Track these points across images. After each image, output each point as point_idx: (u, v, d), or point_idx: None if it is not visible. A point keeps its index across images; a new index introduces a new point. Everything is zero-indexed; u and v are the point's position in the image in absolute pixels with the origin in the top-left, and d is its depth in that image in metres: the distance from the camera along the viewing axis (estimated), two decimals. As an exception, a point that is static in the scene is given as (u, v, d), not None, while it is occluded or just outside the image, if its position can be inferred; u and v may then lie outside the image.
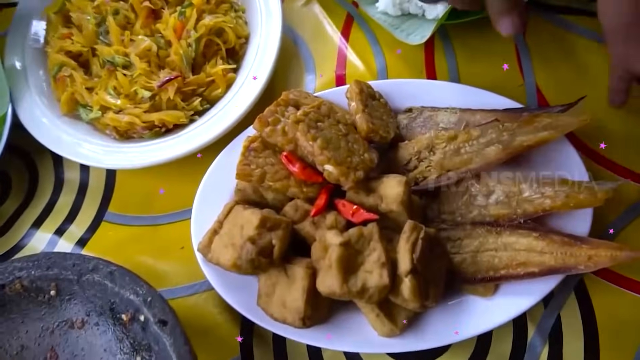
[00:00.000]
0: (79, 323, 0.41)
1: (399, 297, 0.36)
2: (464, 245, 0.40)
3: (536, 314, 0.41)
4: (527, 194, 0.41)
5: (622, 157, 0.46)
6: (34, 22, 0.59)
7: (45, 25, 0.59)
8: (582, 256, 0.38)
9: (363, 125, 0.42)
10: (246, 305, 0.41)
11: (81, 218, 0.51)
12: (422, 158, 0.42)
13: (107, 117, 0.50)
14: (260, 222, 0.38)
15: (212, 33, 0.53)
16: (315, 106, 0.42)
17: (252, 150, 0.41)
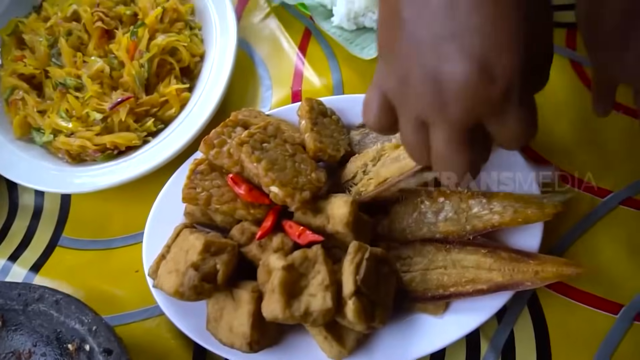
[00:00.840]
0: (25, 354, 0.41)
1: (345, 320, 0.36)
2: (413, 263, 0.40)
3: (489, 329, 0.41)
4: (476, 210, 0.41)
5: (570, 165, 0.46)
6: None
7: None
8: (529, 272, 0.37)
9: (310, 145, 0.42)
10: (197, 330, 0.40)
11: (35, 243, 0.50)
12: (368, 171, 0.42)
13: (58, 140, 0.50)
14: (204, 247, 0.37)
15: (165, 52, 0.52)
16: (261, 127, 0.42)
17: (199, 173, 0.41)
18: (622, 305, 0.41)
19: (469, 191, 0.41)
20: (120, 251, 0.49)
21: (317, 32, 0.58)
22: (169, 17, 0.54)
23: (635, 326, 0.40)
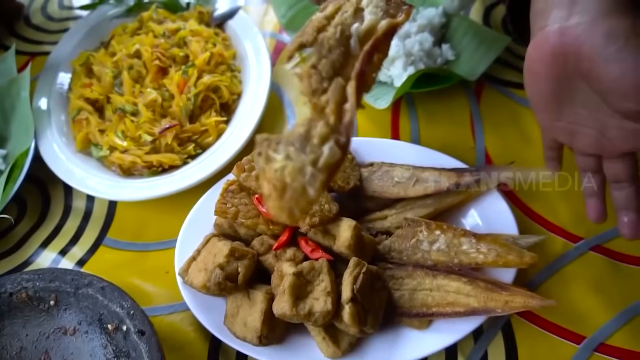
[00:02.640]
0: (71, 330, 0.48)
1: (341, 323, 0.43)
2: (404, 283, 0.47)
3: (466, 347, 0.47)
4: (465, 247, 0.48)
5: (549, 213, 0.53)
6: (61, 73, 0.69)
7: (71, 75, 0.69)
8: (500, 301, 0.44)
9: (325, 176, 0.50)
10: (215, 325, 0.47)
11: (83, 241, 0.58)
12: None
13: (113, 155, 0.59)
14: (230, 252, 0.45)
15: (209, 89, 0.62)
16: None
17: (230, 191, 0.49)
18: (584, 337, 0.46)
19: (462, 230, 0.48)
20: (154, 254, 0.56)
21: (340, 81, 0.67)
22: (214, 61, 0.64)
23: (595, 356, 0.46)
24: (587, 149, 0.43)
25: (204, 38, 0.67)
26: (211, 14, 0.72)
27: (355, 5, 0.33)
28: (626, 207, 0.43)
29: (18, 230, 0.60)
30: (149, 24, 0.69)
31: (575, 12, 0.38)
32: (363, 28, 0.32)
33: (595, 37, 0.37)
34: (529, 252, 0.46)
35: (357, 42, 0.32)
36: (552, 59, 0.39)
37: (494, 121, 0.61)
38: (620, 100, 0.38)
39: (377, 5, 0.33)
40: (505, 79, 0.65)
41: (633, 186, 0.43)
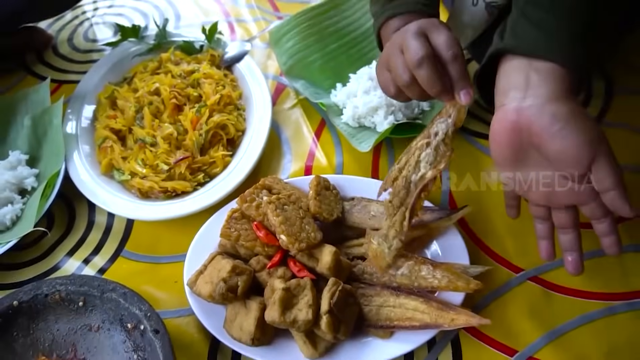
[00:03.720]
0: (95, 327, 0.58)
1: (320, 330, 0.53)
2: (372, 300, 0.57)
3: (421, 355, 0.57)
4: (424, 273, 0.58)
5: (498, 246, 0.64)
6: (86, 103, 0.79)
7: (96, 105, 0.79)
8: (448, 318, 0.54)
9: (312, 208, 0.60)
10: (215, 328, 0.57)
11: (104, 252, 0.68)
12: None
13: (134, 180, 0.69)
14: (232, 268, 0.55)
15: (218, 127, 0.72)
16: (286, 195, 0.61)
17: (234, 218, 0.59)
18: (517, 351, 0.57)
19: (423, 259, 0.58)
20: (165, 266, 0.66)
21: (330, 124, 0.78)
22: (223, 102, 0.75)
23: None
24: (539, 201, 0.53)
25: (215, 80, 0.77)
26: (222, 57, 0.83)
27: (416, 159, 0.54)
28: (570, 248, 0.53)
29: (47, 241, 0.70)
30: (167, 64, 0.80)
31: (528, 95, 0.49)
32: (417, 177, 0.54)
33: (543, 117, 0.47)
34: (475, 280, 0.56)
35: (415, 186, 0.54)
36: (510, 131, 0.50)
37: (459, 166, 0.72)
38: (563, 166, 0.48)
39: (429, 160, 0.54)
40: (472, 130, 0.76)
41: (576, 232, 0.53)
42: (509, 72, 0.52)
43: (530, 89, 0.49)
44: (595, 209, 0.50)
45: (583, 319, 0.59)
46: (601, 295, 0.60)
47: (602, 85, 0.79)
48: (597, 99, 0.78)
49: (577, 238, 0.53)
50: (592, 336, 0.57)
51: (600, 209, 0.50)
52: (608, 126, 0.74)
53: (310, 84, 0.80)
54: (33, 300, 0.57)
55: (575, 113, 0.47)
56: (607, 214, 0.50)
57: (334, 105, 0.77)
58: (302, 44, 0.81)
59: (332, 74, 0.81)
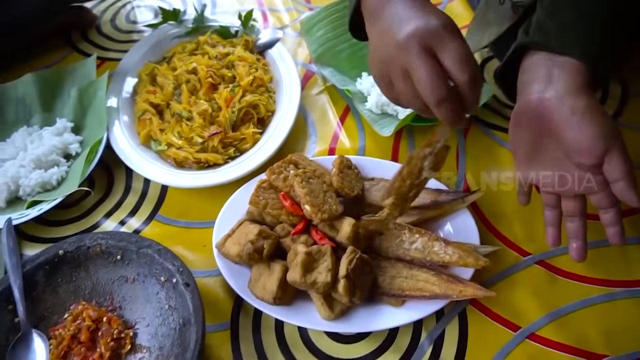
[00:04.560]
0: (131, 279, 0.63)
1: (337, 293, 0.57)
2: (386, 271, 0.61)
3: (429, 324, 0.61)
4: (436, 249, 0.62)
5: (508, 230, 0.68)
6: (128, 78, 0.85)
7: (136, 81, 0.85)
8: (456, 290, 0.58)
9: (335, 184, 0.65)
10: (240, 287, 0.62)
11: (139, 215, 0.73)
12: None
13: (170, 151, 0.74)
14: (259, 232, 0.60)
15: (250, 106, 0.77)
16: (313, 169, 0.65)
17: (262, 188, 0.64)
18: (520, 327, 0.60)
19: (436, 235, 0.63)
20: (194, 230, 0.71)
21: (354, 109, 0.82)
22: (256, 83, 0.80)
23: (525, 342, 0.60)
24: (551, 189, 0.57)
25: (249, 63, 0.82)
26: (255, 43, 0.88)
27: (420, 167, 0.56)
28: (576, 236, 0.57)
29: (87, 202, 0.76)
30: (204, 46, 0.85)
31: (550, 87, 0.53)
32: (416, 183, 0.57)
33: (563, 108, 0.51)
34: (484, 258, 0.60)
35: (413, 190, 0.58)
36: (531, 120, 0.54)
37: (474, 156, 0.76)
38: (577, 156, 0.52)
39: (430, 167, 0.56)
40: (490, 122, 0.79)
41: (582, 220, 0.57)
42: (532, 66, 0.56)
43: (552, 82, 0.53)
44: (604, 199, 0.54)
45: (584, 302, 0.62)
46: (603, 281, 0.63)
47: (617, 88, 0.82)
48: (612, 100, 0.81)
49: (583, 227, 0.57)
50: (592, 319, 0.61)
51: (608, 199, 0.53)
52: (622, 127, 0.77)
53: (338, 71, 0.84)
54: (76, 251, 0.63)
55: (593, 107, 0.51)
56: (614, 205, 0.54)
57: (359, 92, 0.81)
58: (332, 34, 0.86)
59: (359, 63, 0.85)
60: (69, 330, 0.59)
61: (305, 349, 0.61)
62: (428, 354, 0.59)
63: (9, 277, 0.60)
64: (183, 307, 0.58)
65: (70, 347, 0.59)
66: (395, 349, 0.60)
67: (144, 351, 0.59)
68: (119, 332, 0.59)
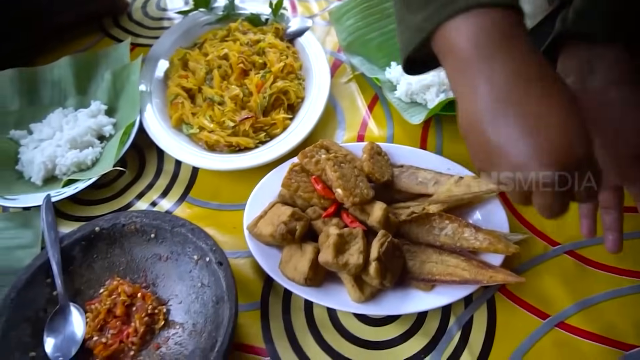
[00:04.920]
0: (164, 257, 0.64)
1: (368, 275, 0.58)
2: (416, 256, 0.62)
3: (457, 310, 0.62)
4: (467, 235, 0.63)
5: (537, 220, 0.68)
6: (160, 63, 0.86)
7: (168, 66, 0.86)
8: (486, 275, 0.58)
9: (365, 169, 0.65)
10: (270, 268, 0.62)
11: (170, 196, 0.75)
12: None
13: (202, 134, 0.75)
14: (292, 213, 0.61)
15: (280, 92, 0.78)
16: (344, 154, 0.66)
17: (294, 171, 0.65)
18: (549, 315, 0.61)
19: (466, 222, 0.63)
20: (224, 212, 0.72)
21: (382, 98, 0.83)
22: (286, 70, 0.81)
23: (554, 330, 0.60)
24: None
25: (279, 50, 0.83)
26: (285, 31, 0.89)
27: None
28: (611, 228, 0.56)
29: (119, 183, 0.77)
30: (235, 33, 0.86)
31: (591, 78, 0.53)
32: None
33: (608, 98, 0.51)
34: (514, 245, 0.60)
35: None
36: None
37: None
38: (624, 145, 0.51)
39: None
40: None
41: (618, 212, 0.56)
42: (570, 56, 0.56)
43: (591, 72, 0.53)
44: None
45: (614, 293, 0.62)
46: (634, 273, 0.63)
47: None
48: None
49: (619, 219, 0.57)
50: (622, 309, 0.61)
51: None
52: None
53: (367, 60, 0.85)
54: (112, 228, 0.64)
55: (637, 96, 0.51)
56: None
57: (388, 81, 0.81)
58: (362, 23, 0.86)
59: (388, 52, 0.85)
60: (105, 305, 0.60)
61: (334, 330, 0.61)
62: (456, 339, 0.60)
63: (48, 252, 0.62)
64: (216, 285, 0.59)
65: (105, 321, 0.60)
66: (424, 332, 0.60)
67: (177, 327, 0.60)
68: (153, 308, 0.61)
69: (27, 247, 0.70)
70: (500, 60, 0.38)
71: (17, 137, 0.80)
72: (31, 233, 0.71)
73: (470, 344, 0.59)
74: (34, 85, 0.85)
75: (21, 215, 0.72)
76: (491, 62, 0.39)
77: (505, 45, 0.39)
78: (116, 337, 0.59)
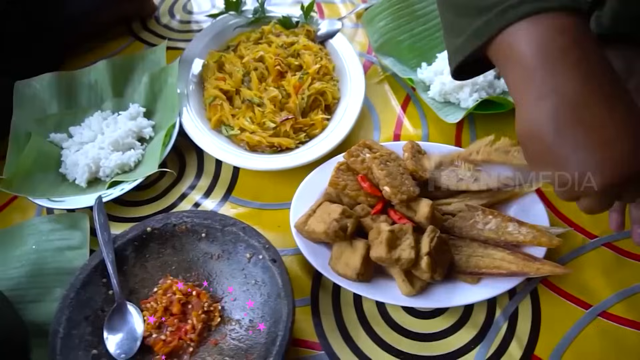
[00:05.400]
0: (216, 256, 0.66)
1: (418, 270, 0.60)
2: (462, 250, 0.64)
3: (503, 301, 0.64)
4: (510, 229, 0.65)
5: (574, 214, 0.70)
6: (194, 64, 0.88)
7: (202, 68, 0.88)
8: (533, 267, 0.61)
9: (410, 167, 0.67)
10: (319, 264, 0.64)
11: (213, 196, 0.76)
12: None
13: (244, 135, 0.77)
14: (342, 211, 0.63)
15: (317, 93, 0.80)
16: (388, 152, 0.68)
17: (340, 170, 0.67)
18: (591, 305, 0.63)
19: (509, 217, 0.65)
20: (268, 212, 0.74)
21: (414, 98, 0.85)
22: (322, 71, 0.83)
23: (597, 320, 0.62)
24: None
25: (314, 52, 0.85)
26: (316, 33, 0.91)
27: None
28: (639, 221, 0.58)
29: (161, 184, 0.79)
30: (269, 35, 0.88)
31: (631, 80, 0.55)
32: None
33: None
34: (557, 237, 0.63)
35: None
36: None
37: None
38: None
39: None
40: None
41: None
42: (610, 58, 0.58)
43: (631, 73, 0.55)
44: None
45: (653, 283, 0.64)
46: (671, 263, 0.66)
47: None
48: None
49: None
50: (661, 299, 0.63)
51: None
52: None
53: (398, 61, 0.87)
54: (163, 228, 0.66)
55: None
56: None
57: (420, 81, 0.83)
58: (393, 24, 0.88)
59: (419, 53, 0.87)
60: (161, 303, 0.62)
61: (385, 324, 0.63)
62: (504, 330, 0.62)
63: (102, 252, 0.64)
64: (271, 282, 0.61)
65: (162, 319, 0.62)
66: (472, 324, 0.63)
67: (233, 323, 0.62)
68: (209, 305, 0.62)
69: (76, 248, 0.71)
70: (566, 70, 0.39)
71: (58, 140, 0.81)
72: (79, 234, 0.72)
73: (518, 334, 0.62)
74: (72, 89, 0.86)
75: (68, 217, 0.74)
76: (557, 71, 0.39)
77: (572, 53, 0.39)
78: (175, 334, 0.61)
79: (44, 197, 0.74)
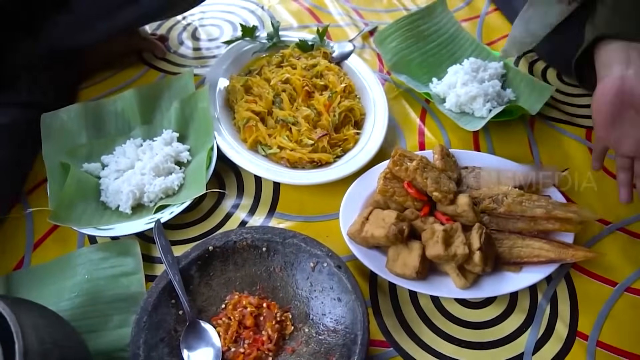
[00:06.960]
0: (278, 269, 0.69)
1: (471, 264, 0.66)
2: (503, 243, 0.71)
3: (542, 287, 0.71)
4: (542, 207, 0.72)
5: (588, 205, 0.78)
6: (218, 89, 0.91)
7: (227, 92, 0.91)
8: (569, 253, 0.68)
9: (439, 166, 0.74)
10: (375, 266, 0.69)
11: (258, 213, 0.79)
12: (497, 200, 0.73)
13: (283, 152, 0.81)
14: (397, 216, 0.68)
15: (347, 110, 0.86)
16: (420, 158, 0.74)
17: (387, 178, 0.72)
18: (617, 283, 0.71)
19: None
20: (314, 224, 0.78)
21: (430, 110, 0.92)
22: (347, 90, 0.88)
23: (624, 295, 0.70)
24: (627, 152, 0.68)
25: (335, 73, 0.91)
26: (331, 54, 0.97)
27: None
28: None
29: (203, 206, 0.81)
30: (290, 59, 0.93)
31: (630, 67, 0.65)
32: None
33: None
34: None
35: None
36: (614, 94, 0.65)
37: (544, 144, 0.87)
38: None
39: None
40: (551, 116, 0.92)
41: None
42: (609, 52, 0.68)
43: (631, 62, 0.65)
44: None
45: (665, 259, 0.74)
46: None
47: None
48: None
49: None
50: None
51: None
52: None
53: (411, 78, 0.94)
54: (224, 245, 0.68)
55: None
56: None
57: (437, 94, 0.91)
58: (403, 44, 0.96)
59: (428, 70, 0.95)
60: (234, 318, 0.64)
61: (441, 316, 0.69)
62: (547, 312, 0.69)
63: (168, 274, 0.65)
64: (339, 287, 0.65)
65: (238, 333, 0.64)
66: (520, 309, 0.69)
67: (305, 330, 0.65)
68: (280, 315, 0.65)
69: (131, 274, 0.72)
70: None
71: (92, 170, 0.82)
72: (132, 260, 0.73)
73: (560, 314, 0.69)
74: (99, 119, 0.87)
75: (117, 244, 0.75)
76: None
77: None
78: (252, 346, 0.63)
79: (90, 226, 0.74)
